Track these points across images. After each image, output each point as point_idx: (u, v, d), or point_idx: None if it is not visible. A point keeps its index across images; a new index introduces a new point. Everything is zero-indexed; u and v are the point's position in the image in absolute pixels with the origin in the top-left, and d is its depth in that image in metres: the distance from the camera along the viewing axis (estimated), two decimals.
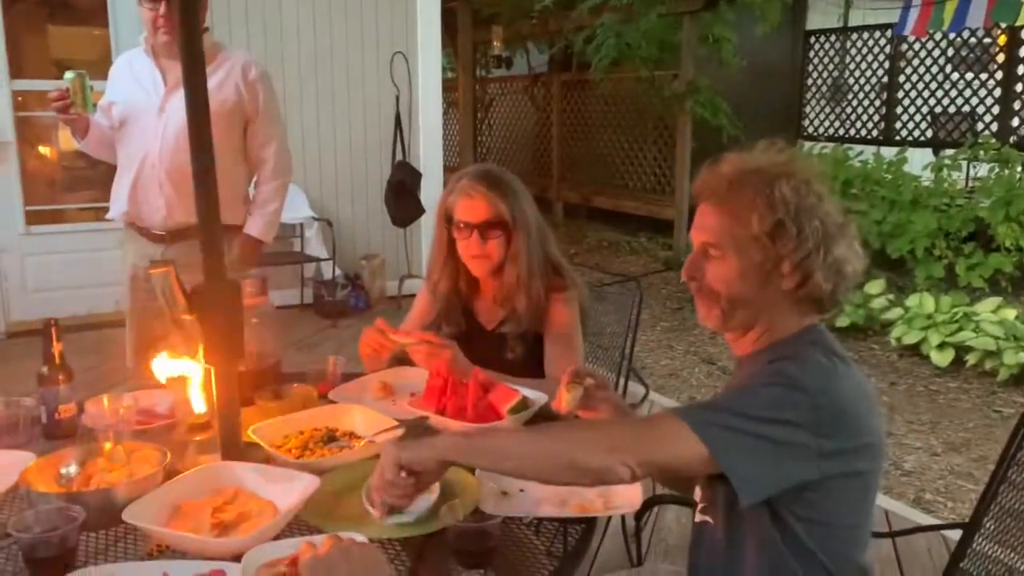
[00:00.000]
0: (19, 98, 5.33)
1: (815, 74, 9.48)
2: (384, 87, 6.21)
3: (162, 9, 2.73)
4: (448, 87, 8.76)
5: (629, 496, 1.51)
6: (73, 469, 1.51)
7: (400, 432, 1.71)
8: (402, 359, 2.19)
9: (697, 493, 1.48)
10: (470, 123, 10.32)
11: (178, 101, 2.76)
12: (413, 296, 6.84)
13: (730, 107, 7.92)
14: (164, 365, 1.82)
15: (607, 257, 8.34)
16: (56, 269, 5.40)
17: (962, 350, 4.92)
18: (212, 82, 2.86)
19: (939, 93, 8.13)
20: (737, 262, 1.34)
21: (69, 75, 2.65)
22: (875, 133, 8.85)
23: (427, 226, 6.54)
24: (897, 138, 8.49)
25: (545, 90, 10.71)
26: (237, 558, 1.23)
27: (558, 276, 2.17)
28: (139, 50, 2.96)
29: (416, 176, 6.15)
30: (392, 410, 1.88)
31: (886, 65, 8.69)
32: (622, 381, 2.71)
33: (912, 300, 5.47)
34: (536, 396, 1.84)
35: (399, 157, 6.24)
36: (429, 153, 6.52)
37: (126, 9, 5.11)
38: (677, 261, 7.67)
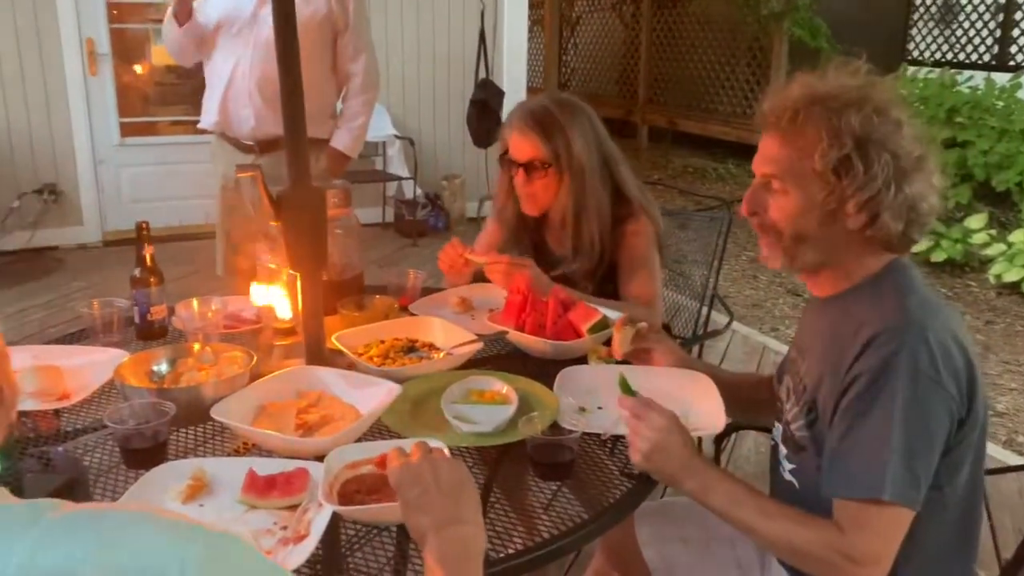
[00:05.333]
0: (114, 11, 5.43)
1: None
2: (469, 2, 6.08)
3: None
4: (534, 3, 8.53)
5: (712, 419, 1.48)
6: (164, 367, 1.56)
7: (479, 346, 1.71)
8: (481, 276, 2.19)
9: (779, 438, 1.43)
10: (555, 42, 10.06)
11: (269, 11, 2.74)
12: None
13: (830, 28, 7.51)
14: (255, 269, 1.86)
15: (692, 183, 8.13)
16: (149, 180, 5.57)
17: None
18: None
19: None
20: (800, 197, 1.26)
21: None
22: (987, 57, 8.28)
23: None
24: (1012, 63, 7.93)
25: (635, 8, 10.33)
26: (320, 458, 1.25)
27: (627, 206, 2.07)
28: None
29: (499, 95, 6.05)
30: (471, 325, 1.88)
31: None
32: (704, 310, 2.66)
33: (1016, 236, 5.18)
34: (616, 316, 1.80)
35: (482, 75, 6.15)
36: (513, 72, 6.40)
37: None
38: None
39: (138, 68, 5.98)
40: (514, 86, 6.32)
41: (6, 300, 4.52)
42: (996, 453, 3.17)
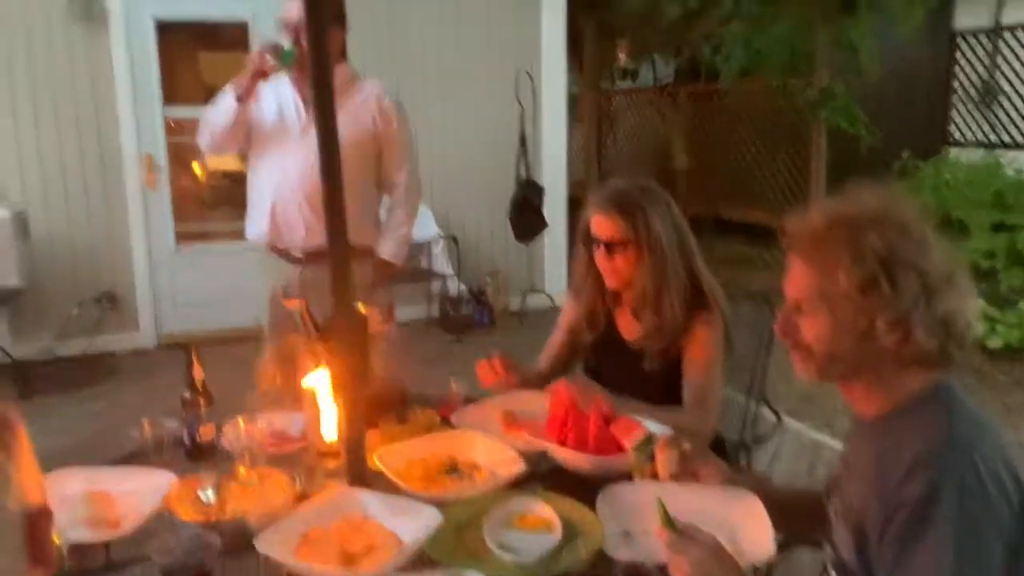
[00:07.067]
0: (171, 123, 5.70)
1: (962, 77, 8.91)
2: (508, 105, 6.26)
3: (293, 37, 2.83)
4: (572, 100, 8.78)
5: (759, 544, 1.44)
6: (210, 493, 1.58)
7: (522, 465, 1.70)
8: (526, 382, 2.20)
9: (830, 561, 1.39)
10: (594, 136, 10.28)
11: None
12: (536, 312, 6.79)
13: (869, 114, 7.54)
14: (300, 387, 1.89)
15: (736, 271, 8.08)
16: (202, 285, 5.72)
17: None
18: (349, 110, 2.93)
19: None
20: (829, 319, 1.26)
21: (286, 43, 2.82)
22: None
23: (550, 242, 6.56)
24: None
25: (671, 101, 10.54)
26: None
27: (701, 296, 2.13)
28: (284, 77, 3.06)
29: (539, 192, 6.18)
30: (513, 439, 1.87)
31: None
32: (751, 410, 2.61)
33: None
34: (661, 430, 1.79)
35: (523, 174, 6.29)
36: (552, 170, 6.55)
37: (267, 34, 5.37)
38: None
39: (193, 174, 6.21)
40: (554, 183, 6.46)
41: (64, 406, 4.63)
42: None
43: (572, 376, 1.97)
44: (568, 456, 1.75)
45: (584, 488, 1.64)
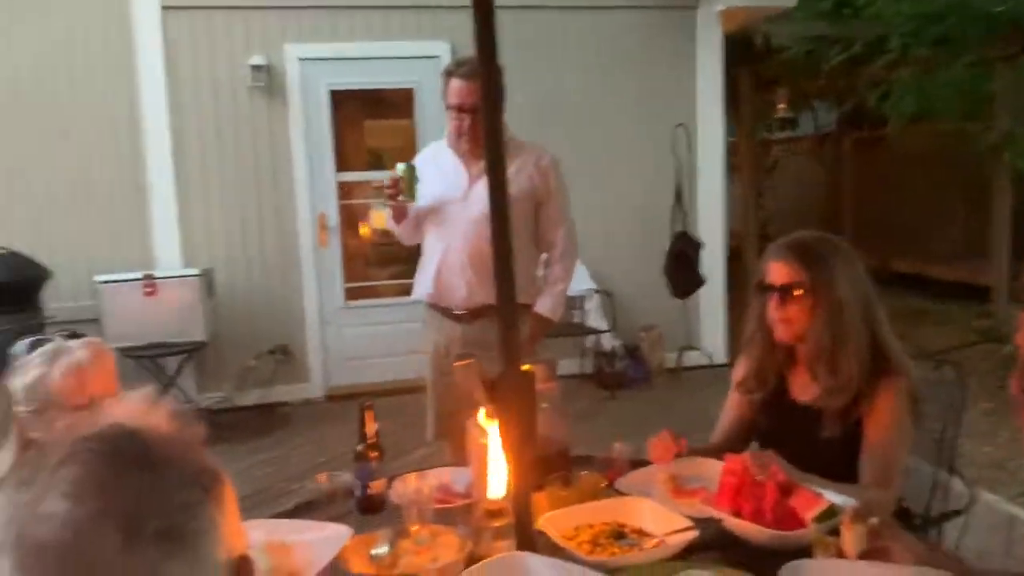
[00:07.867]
0: (343, 188, 6.05)
1: None
2: (665, 159, 6.24)
3: (467, 121, 2.95)
4: (728, 150, 8.66)
5: None
6: (384, 550, 1.61)
7: (694, 534, 1.63)
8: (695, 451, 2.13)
9: None
10: (752, 186, 10.04)
11: (479, 191, 2.94)
12: (693, 368, 6.65)
13: None
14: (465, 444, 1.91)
15: (910, 327, 7.58)
16: (368, 339, 5.98)
17: None
18: (509, 172, 3.01)
19: None
20: None
21: (400, 167, 2.95)
22: None
23: (707, 297, 6.41)
24: None
25: (834, 149, 10.17)
26: None
27: (885, 360, 2.00)
28: (442, 143, 3.20)
29: (696, 246, 6.07)
30: (682, 506, 1.81)
31: None
32: (939, 478, 2.41)
33: None
34: (844, 502, 1.67)
35: (679, 227, 6.20)
36: (710, 223, 6.44)
37: (431, 102, 5.64)
38: (997, 332, 6.79)
39: (361, 233, 6.54)
40: (712, 237, 6.34)
41: (240, 455, 4.91)
42: None
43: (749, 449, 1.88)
44: (745, 528, 1.67)
45: (759, 561, 1.55)
